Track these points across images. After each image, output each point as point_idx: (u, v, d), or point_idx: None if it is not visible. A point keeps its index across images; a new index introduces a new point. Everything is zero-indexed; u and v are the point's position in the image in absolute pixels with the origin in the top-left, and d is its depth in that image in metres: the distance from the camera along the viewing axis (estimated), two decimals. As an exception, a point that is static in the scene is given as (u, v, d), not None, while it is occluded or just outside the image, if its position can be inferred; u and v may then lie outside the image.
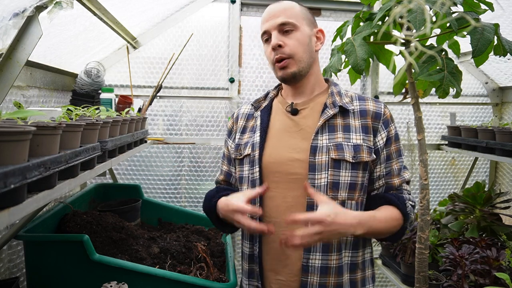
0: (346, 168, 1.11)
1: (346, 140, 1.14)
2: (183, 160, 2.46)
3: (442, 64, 1.19)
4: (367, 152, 1.13)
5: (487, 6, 1.18)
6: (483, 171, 2.81)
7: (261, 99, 1.31)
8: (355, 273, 1.14)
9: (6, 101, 1.41)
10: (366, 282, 1.17)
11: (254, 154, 1.18)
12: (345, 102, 1.18)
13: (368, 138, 1.15)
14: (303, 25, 1.17)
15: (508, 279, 1.29)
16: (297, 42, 1.15)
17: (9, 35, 1.13)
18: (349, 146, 1.12)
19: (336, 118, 1.16)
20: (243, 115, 1.32)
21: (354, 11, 2.51)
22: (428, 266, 1.40)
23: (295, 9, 1.18)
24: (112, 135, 1.28)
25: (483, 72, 2.70)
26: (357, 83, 2.62)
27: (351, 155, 1.11)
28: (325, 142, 1.13)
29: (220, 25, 2.41)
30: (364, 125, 1.16)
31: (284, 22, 1.15)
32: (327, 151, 1.11)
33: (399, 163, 1.20)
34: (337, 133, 1.15)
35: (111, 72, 2.31)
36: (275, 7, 1.18)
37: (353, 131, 1.15)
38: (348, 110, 1.18)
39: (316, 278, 1.10)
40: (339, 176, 1.11)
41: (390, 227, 1.12)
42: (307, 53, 1.17)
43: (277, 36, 1.15)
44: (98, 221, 1.52)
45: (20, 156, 0.67)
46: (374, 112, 1.18)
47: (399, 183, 1.18)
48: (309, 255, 1.10)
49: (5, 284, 1.23)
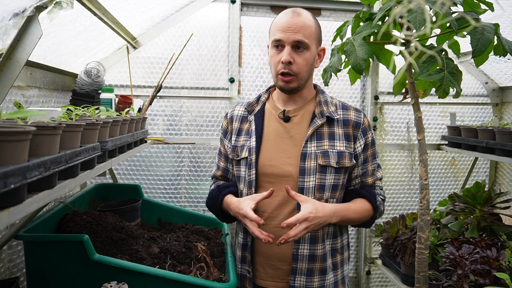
0: (331, 172, 1.29)
1: (331, 147, 1.30)
2: (183, 160, 2.46)
3: (442, 64, 1.19)
4: (348, 158, 1.31)
5: (487, 6, 1.18)
6: (483, 171, 2.81)
7: (253, 102, 1.43)
8: (335, 257, 1.36)
9: (6, 101, 1.41)
10: (344, 263, 1.40)
11: (251, 158, 1.33)
12: (331, 111, 1.34)
13: (350, 145, 1.33)
14: (313, 45, 1.28)
15: (508, 279, 1.29)
16: (305, 62, 1.26)
17: (9, 35, 1.13)
18: (334, 153, 1.30)
19: (323, 127, 1.32)
20: (238, 117, 1.44)
21: (354, 11, 2.51)
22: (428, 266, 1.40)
23: (312, 29, 1.26)
24: (112, 135, 1.28)
25: (483, 72, 2.70)
26: (357, 83, 2.62)
27: (335, 161, 1.29)
28: (314, 149, 1.29)
29: (220, 25, 2.41)
30: (346, 133, 1.33)
31: (301, 40, 1.23)
32: (315, 158, 1.28)
33: (373, 165, 1.40)
34: (324, 141, 1.31)
35: (111, 72, 2.31)
36: (297, 21, 1.23)
37: (337, 139, 1.32)
38: (333, 119, 1.33)
39: (305, 265, 1.30)
40: (325, 179, 1.29)
41: (361, 217, 1.33)
42: (308, 71, 1.30)
43: (290, 53, 1.24)
44: (98, 221, 1.52)
45: (20, 156, 0.67)
46: (354, 122, 1.34)
47: (372, 181, 1.39)
48: (299, 245, 1.29)
49: (5, 284, 1.23)
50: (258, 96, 1.44)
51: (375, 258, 2.63)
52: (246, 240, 1.37)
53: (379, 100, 2.60)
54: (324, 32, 2.56)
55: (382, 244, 2.35)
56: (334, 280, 1.35)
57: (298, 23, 1.22)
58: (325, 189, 1.29)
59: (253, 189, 1.33)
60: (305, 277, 1.30)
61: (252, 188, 1.33)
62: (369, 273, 2.68)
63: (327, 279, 1.33)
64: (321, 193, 1.29)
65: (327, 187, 1.29)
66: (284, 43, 1.23)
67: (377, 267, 2.58)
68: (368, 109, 2.61)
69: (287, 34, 1.22)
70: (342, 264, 1.39)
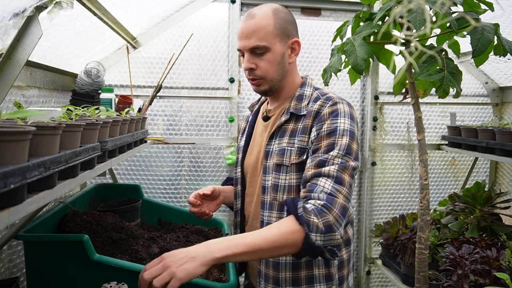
0: (285, 172, 1.16)
1: (290, 145, 1.17)
2: (183, 160, 2.46)
3: (442, 64, 1.19)
4: (296, 154, 1.14)
5: (487, 6, 1.18)
6: (483, 171, 2.81)
7: (254, 103, 1.44)
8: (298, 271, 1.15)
9: (6, 101, 1.41)
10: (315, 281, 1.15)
11: (238, 157, 1.36)
12: (300, 107, 1.20)
13: (303, 139, 1.14)
14: (275, 43, 1.17)
15: (508, 279, 1.29)
16: (268, 63, 1.18)
17: (9, 35, 1.13)
18: (291, 150, 1.15)
19: (289, 123, 1.21)
20: (245, 117, 1.47)
21: (354, 11, 2.51)
22: (428, 266, 1.40)
23: (269, 28, 1.15)
24: (112, 135, 1.28)
25: (483, 72, 2.70)
26: (357, 83, 2.62)
27: (289, 159, 1.15)
28: (275, 147, 1.20)
29: (220, 25, 2.41)
30: (305, 126, 1.15)
31: (255, 46, 1.16)
32: (273, 156, 1.19)
33: (324, 156, 1.05)
34: (285, 138, 1.19)
35: (111, 72, 2.31)
36: (248, 26, 1.17)
37: (297, 135, 1.16)
38: (301, 116, 1.19)
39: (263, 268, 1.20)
40: (279, 179, 1.17)
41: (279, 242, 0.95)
42: (279, 71, 1.20)
43: (249, 59, 1.19)
44: (98, 221, 1.52)
45: (20, 156, 0.67)
46: (315, 112, 1.15)
47: (311, 174, 1.04)
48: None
49: (5, 284, 1.23)
50: (260, 96, 1.45)
51: (375, 258, 2.63)
52: None
53: (379, 100, 2.60)
54: (324, 32, 2.60)
55: (382, 244, 2.35)
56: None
57: (249, 28, 1.15)
58: (278, 189, 1.16)
59: (239, 187, 1.34)
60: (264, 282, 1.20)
61: (238, 185, 1.34)
62: (369, 273, 2.68)
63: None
64: (275, 193, 1.17)
65: (281, 187, 1.16)
66: (243, 51, 1.20)
67: (377, 267, 2.58)
68: (368, 109, 2.61)
69: (242, 42, 1.18)
70: (311, 281, 1.16)
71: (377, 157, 2.64)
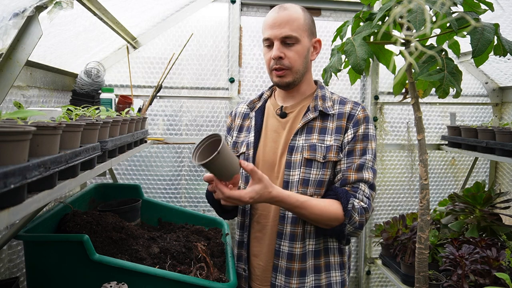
0: (317, 167, 1.23)
1: (320, 141, 1.24)
2: (183, 160, 2.46)
3: (442, 64, 1.19)
4: (335, 152, 1.24)
5: (487, 6, 1.18)
6: (483, 171, 2.81)
7: (255, 100, 1.44)
8: (318, 259, 1.27)
9: (6, 101, 1.41)
10: (332, 268, 1.28)
11: (249, 153, 1.32)
12: (326, 106, 1.29)
13: (339, 138, 1.25)
14: (304, 37, 1.24)
15: (508, 279, 1.29)
16: (296, 55, 1.23)
17: (9, 35, 1.13)
18: (322, 147, 1.23)
19: (316, 121, 1.27)
20: (240, 114, 1.45)
21: (354, 11, 2.51)
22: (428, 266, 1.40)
23: (300, 21, 1.23)
24: (112, 135, 1.28)
25: (483, 72, 2.70)
26: (357, 83, 2.62)
27: (322, 155, 1.23)
28: (301, 143, 1.25)
29: (220, 25, 2.41)
30: (339, 126, 1.26)
31: (288, 35, 1.21)
32: (301, 151, 1.23)
33: (360, 161, 1.22)
34: (313, 134, 1.26)
35: (111, 72, 2.31)
36: (282, 16, 1.22)
37: (328, 133, 1.25)
38: (328, 114, 1.28)
39: (284, 263, 1.25)
40: (310, 174, 1.23)
41: (320, 217, 1.17)
42: (303, 65, 1.27)
43: (279, 48, 1.22)
44: (98, 221, 1.52)
45: (20, 156, 0.67)
46: (348, 114, 1.27)
47: (355, 178, 1.21)
48: (281, 241, 1.25)
49: (5, 284, 1.23)
50: (261, 94, 1.45)
51: (375, 258, 2.63)
52: (242, 237, 1.37)
53: (379, 100, 2.60)
54: (324, 32, 2.60)
55: (382, 244, 2.35)
56: (315, 285, 1.26)
57: (284, 18, 1.21)
58: (309, 184, 1.22)
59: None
60: (284, 277, 1.25)
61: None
62: (369, 273, 2.68)
63: (307, 282, 1.25)
64: (305, 187, 1.22)
65: (311, 182, 1.22)
66: (273, 40, 1.23)
67: (377, 267, 2.58)
68: (368, 109, 2.61)
69: (273, 31, 1.21)
70: (327, 269, 1.28)
71: (377, 157, 2.64)
